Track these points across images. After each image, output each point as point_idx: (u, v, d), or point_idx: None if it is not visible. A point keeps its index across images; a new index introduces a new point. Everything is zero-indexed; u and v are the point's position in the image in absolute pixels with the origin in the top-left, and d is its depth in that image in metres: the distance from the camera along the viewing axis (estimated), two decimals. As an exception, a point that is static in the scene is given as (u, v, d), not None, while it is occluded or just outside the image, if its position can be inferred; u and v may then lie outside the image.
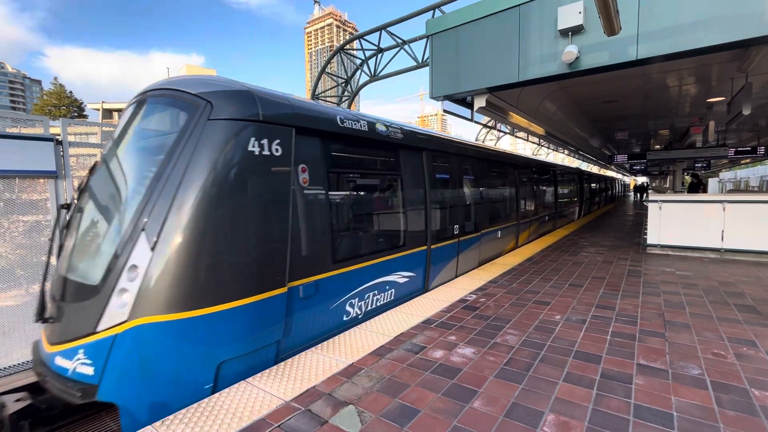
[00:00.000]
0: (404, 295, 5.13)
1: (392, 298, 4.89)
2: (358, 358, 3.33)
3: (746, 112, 6.86)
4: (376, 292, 4.58)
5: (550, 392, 2.73)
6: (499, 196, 8.90)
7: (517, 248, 9.10)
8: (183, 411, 2.56)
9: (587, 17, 5.21)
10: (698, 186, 14.92)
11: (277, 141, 3.42)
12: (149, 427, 2.42)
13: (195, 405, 2.63)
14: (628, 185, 59.39)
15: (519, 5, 5.85)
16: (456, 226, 6.43)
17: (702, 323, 4.03)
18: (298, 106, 3.77)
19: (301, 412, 2.56)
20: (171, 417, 2.50)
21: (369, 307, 4.49)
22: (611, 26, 4.16)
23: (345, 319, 4.16)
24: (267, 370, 3.13)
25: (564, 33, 5.44)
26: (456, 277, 6.42)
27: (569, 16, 5.30)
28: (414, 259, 5.29)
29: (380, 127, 4.78)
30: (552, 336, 3.74)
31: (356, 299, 4.28)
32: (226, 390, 2.83)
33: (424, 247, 5.54)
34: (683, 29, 4.76)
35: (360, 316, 4.36)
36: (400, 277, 5.01)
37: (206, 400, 2.70)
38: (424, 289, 5.59)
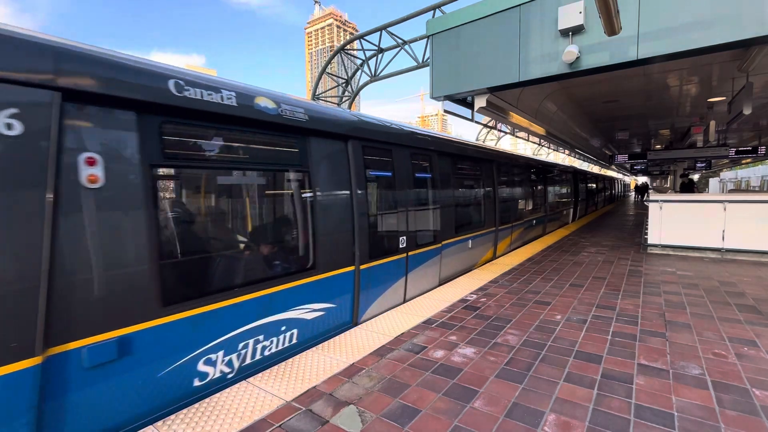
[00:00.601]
0: (318, 334, 3.87)
1: (294, 341, 3.59)
2: (359, 358, 3.33)
3: (747, 111, 6.86)
4: (261, 337, 3.28)
5: (550, 392, 2.73)
6: (471, 199, 7.59)
7: (497, 258, 8.00)
8: (184, 411, 2.57)
9: (588, 17, 5.22)
10: (690, 186, 15.06)
11: (12, 111, 2.09)
12: (150, 426, 2.43)
13: (196, 405, 2.64)
14: (629, 185, 59.25)
15: (519, 5, 5.86)
16: (403, 238, 5.13)
17: (703, 323, 4.03)
18: (70, 53, 2.31)
19: (302, 412, 2.56)
20: (172, 417, 2.50)
21: (248, 360, 3.19)
22: (612, 26, 4.16)
23: (197, 384, 2.84)
24: (267, 370, 3.14)
25: (564, 33, 5.45)
26: (405, 301, 5.18)
27: (570, 16, 5.30)
28: (332, 284, 4.00)
29: (264, 104, 3.34)
30: (553, 336, 3.74)
31: (219, 353, 2.97)
32: (227, 390, 2.83)
33: (351, 268, 4.24)
34: (683, 29, 4.76)
35: (231, 375, 3.07)
36: (307, 312, 3.71)
37: (207, 399, 2.70)
38: (353, 322, 4.32)
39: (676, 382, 2.85)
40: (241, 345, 3.14)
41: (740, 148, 16.09)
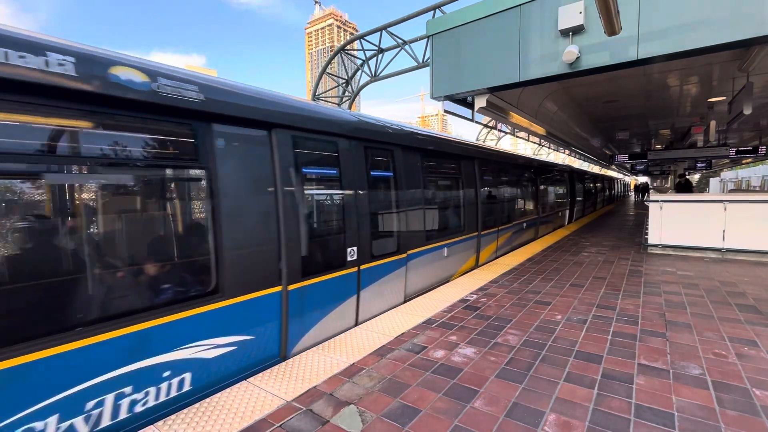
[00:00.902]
0: (228, 375, 3.06)
1: (187, 387, 2.79)
2: (359, 358, 3.33)
3: (747, 111, 6.86)
4: (127, 389, 2.47)
5: (551, 392, 2.73)
6: (447, 201, 6.91)
7: (478, 267, 7.15)
8: (185, 410, 2.57)
9: (588, 17, 5.22)
10: (687, 188, 15.00)
11: None
12: (151, 426, 2.43)
13: (197, 405, 2.64)
14: (629, 185, 59.08)
15: (519, 5, 5.86)
16: (353, 249, 4.27)
17: (703, 323, 4.03)
18: None
19: (303, 411, 2.57)
20: (173, 416, 2.51)
21: (106, 422, 2.37)
22: (612, 26, 4.16)
23: None
24: (268, 370, 3.14)
25: (564, 33, 5.45)
26: (357, 324, 4.39)
27: (570, 16, 5.30)
28: (247, 311, 3.19)
29: (126, 76, 2.51)
30: (553, 336, 3.74)
31: (50, 419, 2.15)
32: (228, 390, 2.84)
33: (276, 289, 3.41)
34: (684, 29, 4.76)
35: None
36: (207, 349, 2.91)
37: (208, 399, 2.71)
38: (280, 355, 3.52)
39: (677, 382, 2.85)
40: (90, 404, 2.31)
41: (741, 148, 16.09)
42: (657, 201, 8.32)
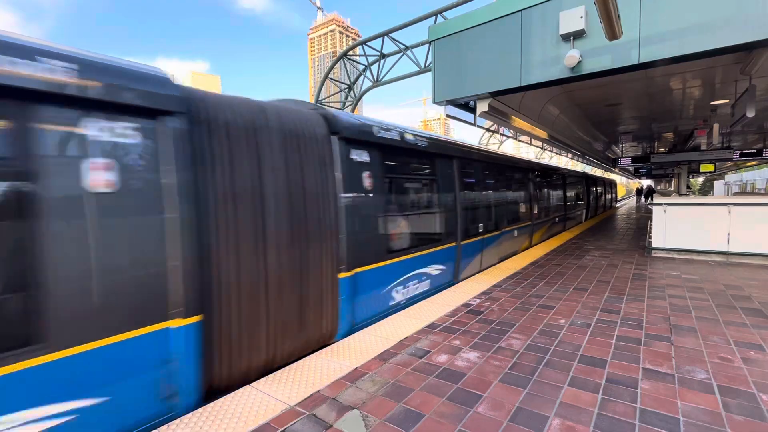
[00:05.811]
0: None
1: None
2: (363, 363, 3.33)
3: (750, 114, 6.84)
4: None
5: (555, 397, 2.72)
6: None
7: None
8: (189, 415, 2.58)
9: (589, 21, 5.24)
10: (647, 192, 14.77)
11: None
12: (154, 431, 2.44)
13: (200, 409, 2.65)
14: (625, 187, 58.02)
15: (520, 10, 5.89)
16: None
17: (708, 327, 4.00)
18: None
19: (306, 416, 2.57)
20: (177, 421, 2.51)
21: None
22: (613, 31, 4.18)
23: None
24: (272, 375, 3.14)
25: (566, 37, 5.46)
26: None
27: (571, 20, 5.32)
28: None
29: None
30: (557, 340, 3.73)
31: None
32: (231, 394, 2.84)
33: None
34: (685, 32, 4.77)
35: None
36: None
37: (211, 404, 2.71)
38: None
39: (682, 386, 2.83)
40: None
41: (744, 151, 16.02)
42: (661, 204, 8.29)
